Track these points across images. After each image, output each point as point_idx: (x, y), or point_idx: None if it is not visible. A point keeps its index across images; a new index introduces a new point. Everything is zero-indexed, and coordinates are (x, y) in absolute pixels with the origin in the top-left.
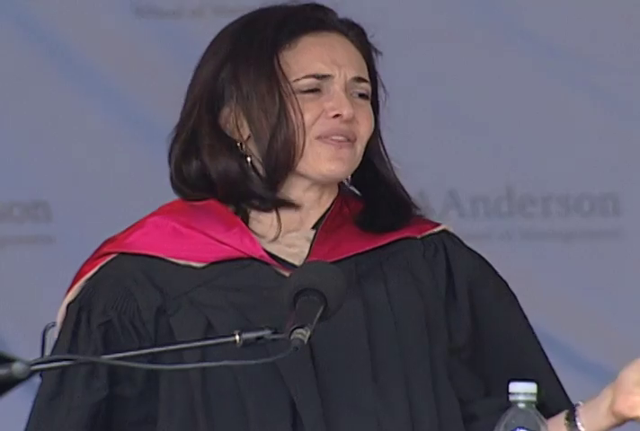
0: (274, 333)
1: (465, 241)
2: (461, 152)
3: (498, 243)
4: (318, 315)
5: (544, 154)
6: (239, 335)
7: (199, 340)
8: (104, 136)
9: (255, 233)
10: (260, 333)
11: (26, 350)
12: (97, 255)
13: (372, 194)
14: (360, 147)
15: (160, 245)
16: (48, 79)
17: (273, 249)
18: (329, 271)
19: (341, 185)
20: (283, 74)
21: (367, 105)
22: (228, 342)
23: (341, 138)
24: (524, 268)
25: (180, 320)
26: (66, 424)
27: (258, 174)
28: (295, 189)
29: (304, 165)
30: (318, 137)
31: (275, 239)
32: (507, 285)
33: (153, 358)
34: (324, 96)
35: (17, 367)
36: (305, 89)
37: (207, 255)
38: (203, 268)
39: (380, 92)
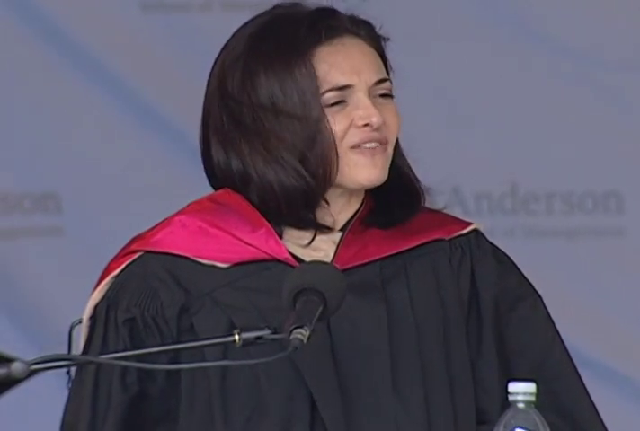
0: (274, 333)
1: None
2: (465, 149)
3: (501, 241)
4: (317, 315)
5: (548, 152)
6: (238, 334)
7: (200, 340)
8: (114, 129)
9: (282, 237)
10: (259, 333)
11: (35, 343)
12: (124, 252)
13: (385, 184)
14: (390, 149)
15: (185, 244)
16: (57, 73)
17: (299, 252)
18: (329, 271)
19: None
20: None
21: (390, 103)
22: (227, 342)
23: (373, 145)
24: (527, 266)
25: (202, 319)
26: (107, 421)
27: (298, 193)
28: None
29: (339, 176)
30: (352, 147)
31: (304, 246)
32: (534, 292)
33: (174, 357)
34: (349, 106)
35: (16, 367)
36: (330, 102)
37: (231, 255)
38: (227, 268)
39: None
